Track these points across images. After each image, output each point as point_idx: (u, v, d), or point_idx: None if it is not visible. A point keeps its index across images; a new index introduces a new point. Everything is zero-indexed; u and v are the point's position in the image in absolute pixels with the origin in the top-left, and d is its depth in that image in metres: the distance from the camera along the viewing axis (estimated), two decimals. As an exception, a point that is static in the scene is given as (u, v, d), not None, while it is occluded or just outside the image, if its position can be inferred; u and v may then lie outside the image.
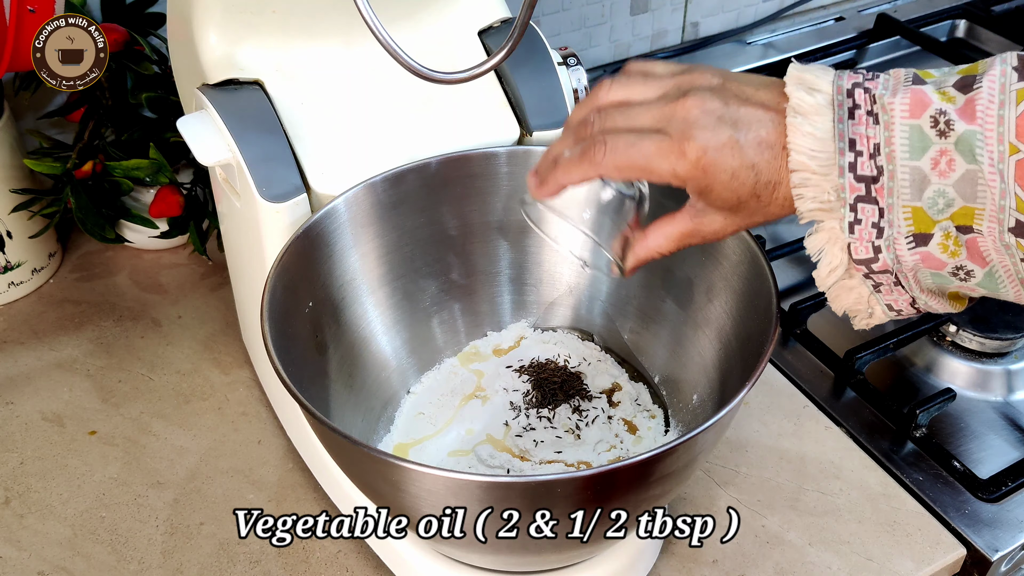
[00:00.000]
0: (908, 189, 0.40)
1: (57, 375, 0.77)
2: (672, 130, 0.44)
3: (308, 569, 0.63)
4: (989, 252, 0.39)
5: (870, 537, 0.65)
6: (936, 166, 0.39)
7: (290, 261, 0.57)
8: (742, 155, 0.43)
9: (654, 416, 0.65)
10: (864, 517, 0.66)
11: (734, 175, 0.43)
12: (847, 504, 0.66)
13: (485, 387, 0.67)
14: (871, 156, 0.40)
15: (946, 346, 0.79)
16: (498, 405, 0.66)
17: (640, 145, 0.45)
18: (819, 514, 0.66)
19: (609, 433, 0.64)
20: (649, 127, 0.45)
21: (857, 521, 0.66)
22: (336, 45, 0.64)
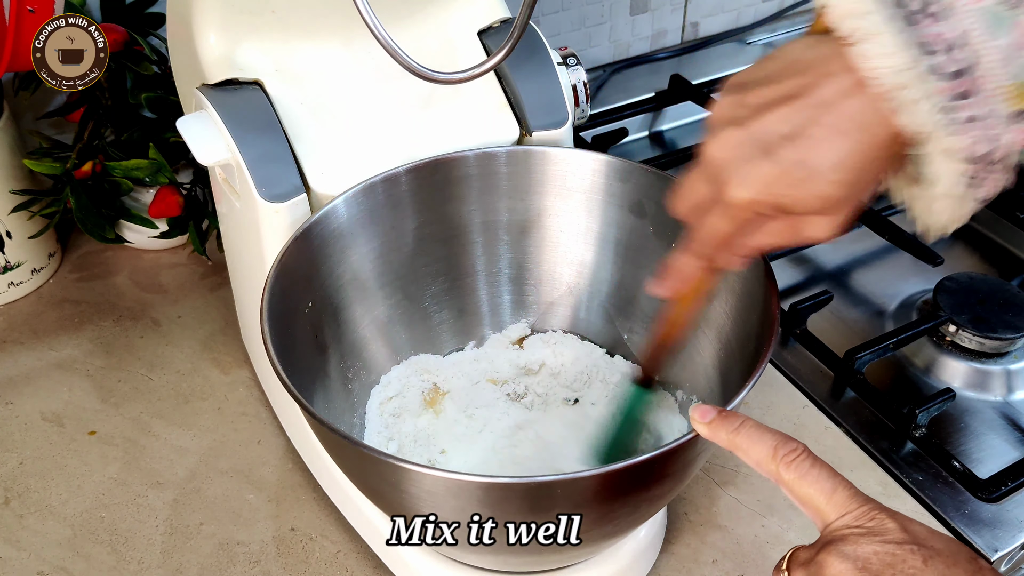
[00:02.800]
0: (999, 69, 0.38)
1: (57, 375, 0.77)
2: (718, 188, 0.43)
3: (308, 569, 0.63)
4: None
5: (870, 537, 0.65)
6: (1019, 37, 0.38)
7: (290, 261, 0.57)
8: (807, 164, 0.41)
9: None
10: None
11: (823, 178, 0.41)
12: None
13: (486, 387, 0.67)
14: (947, 52, 0.38)
15: (946, 346, 0.79)
16: (498, 405, 0.66)
17: (708, 223, 0.45)
18: (819, 514, 0.66)
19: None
20: (707, 197, 0.45)
21: (857, 521, 0.66)
22: (336, 45, 0.64)
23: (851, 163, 0.41)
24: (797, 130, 0.41)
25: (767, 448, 0.43)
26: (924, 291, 0.85)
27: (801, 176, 0.41)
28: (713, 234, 0.45)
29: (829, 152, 0.40)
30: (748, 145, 0.42)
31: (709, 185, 0.44)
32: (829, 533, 0.41)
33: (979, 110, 0.39)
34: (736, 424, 0.45)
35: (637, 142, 1.07)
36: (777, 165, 0.41)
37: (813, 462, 0.43)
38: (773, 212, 0.43)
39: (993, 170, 0.41)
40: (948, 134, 0.39)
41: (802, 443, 0.43)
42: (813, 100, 0.41)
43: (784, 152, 0.41)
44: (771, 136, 0.41)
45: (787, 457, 0.43)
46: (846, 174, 0.41)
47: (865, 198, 0.43)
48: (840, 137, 0.40)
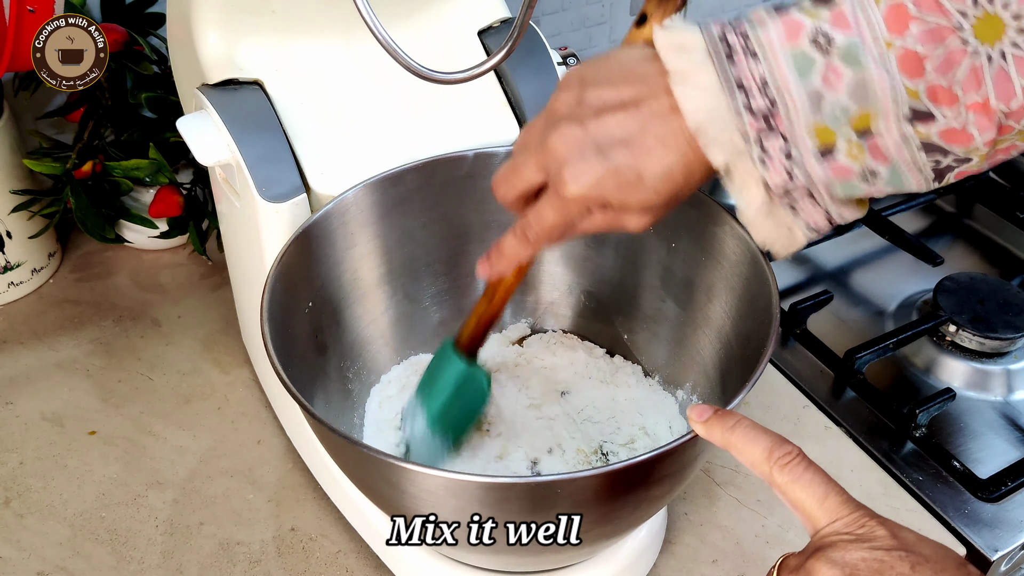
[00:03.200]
0: (806, 109, 0.41)
1: (57, 375, 0.77)
2: (552, 179, 0.46)
3: (308, 569, 0.63)
4: (888, 150, 0.41)
5: (870, 537, 0.65)
6: (827, 81, 0.40)
7: (290, 261, 0.57)
8: (635, 169, 0.44)
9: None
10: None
11: (649, 185, 0.44)
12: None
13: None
14: (761, 90, 0.41)
15: (946, 346, 0.79)
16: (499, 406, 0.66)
17: (540, 213, 0.47)
18: (819, 514, 0.66)
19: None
20: (536, 185, 0.47)
21: (857, 521, 0.66)
22: (336, 45, 0.64)
23: (675, 174, 0.44)
24: (631, 137, 0.43)
25: (762, 449, 0.43)
26: (924, 291, 0.85)
27: (630, 180, 0.44)
28: (545, 224, 0.48)
29: (657, 162, 0.43)
30: (586, 144, 0.44)
31: (540, 174, 0.47)
32: (819, 539, 0.41)
33: (784, 145, 0.42)
34: (732, 423, 0.45)
35: (637, 142, 1.07)
36: (610, 167, 0.44)
37: (807, 466, 0.43)
38: (599, 207, 0.46)
39: (808, 200, 0.44)
40: (751, 165, 0.43)
41: (797, 446, 0.43)
42: (645, 111, 0.43)
43: (618, 156, 0.44)
44: (607, 139, 0.44)
45: (782, 460, 0.43)
46: (670, 183, 0.44)
47: (680, 201, 0.46)
48: (667, 150, 0.43)
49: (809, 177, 0.42)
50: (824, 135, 0.41)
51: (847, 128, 0.41)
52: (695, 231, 0.61)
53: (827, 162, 0.42)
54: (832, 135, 0.41)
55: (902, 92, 0.40)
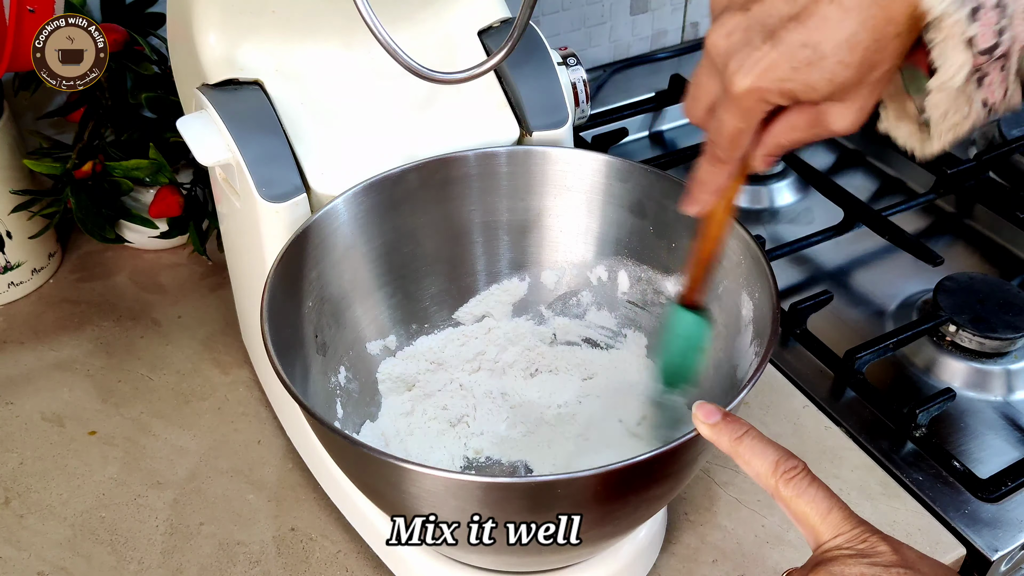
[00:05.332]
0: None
1: (57, 375, 0.77)
2: (723, 79, 0.41)
3: (308, 569, 0.63)
4: None
5: (870, 537, 0.65)
6: None
7: (290, 261, 0.57)
8: (810, 45, 0.38)
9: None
10: (864, 517, 0.66)
11: (831, 58, 0.38)
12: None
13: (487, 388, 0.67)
14: None
15: (946, 346, 0.79)
16: (498, 406, 0.66)
17: (719, 123, 0.42)
18: (819, 514, 0.66)
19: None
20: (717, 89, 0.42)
21: (857, 521, 0.66)
22: (336, 45, 0.64)
23: (859, 42, 0.38)
24: (800, 10, 0.39)
25: (768, 462, 0.43)
26: (924, 291, 0.85)
27: (806, 58, 0.39)
28: (727, 132, 0.43)
29: (835, 31, 0.38)
30: (750, 30, 0.40)
31: (715, 78, 0.42)
32: (821, 554, 0.41)
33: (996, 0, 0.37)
34: (740, 432, 0.44)
35: (637, 142, 1.07)
36: (781, 48, 0.39)
37: (811, 481, 0.43)
38: (783, 100, 0.41)
39: (999, 70, 0.39)
40: (962, 19, 0.38)
41: (802, 461, 0.43)
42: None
43: (787, 34, 0.39)
44: (773, 18, 0.39)
45: (787, 474, 0.43)
46: (855, 54, 0.39)
47: (882, 81, 0.41)
48: (847, 14, 0.38)
49: (1014, 36, 0.38)
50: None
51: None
52: (695, 231, 0.61)
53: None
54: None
55: None
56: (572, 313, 0.69)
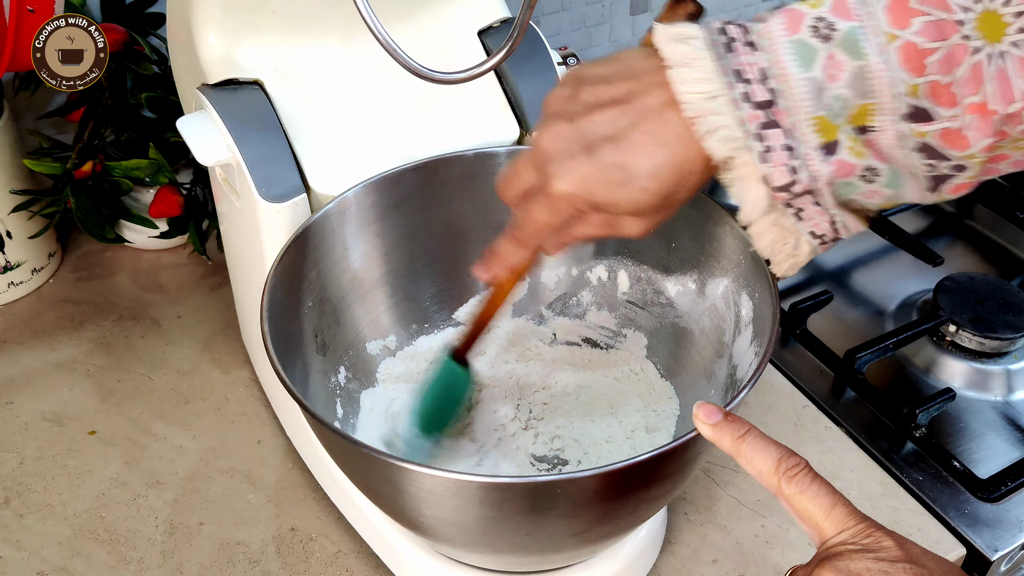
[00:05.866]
0: (808, 101, 0.40)
1: (57, 375, 0.77)
2: (541, 177, 0.45)
3: (308, 569, 0.63)
4: (889, 148, 0.40)
5: (870, 537, 0.65)
6: (827, 71, 0.40)
7: (290, 261, 0.57)
8: (622, 167, 0.43)
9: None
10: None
11: (637, 184, 0.43)
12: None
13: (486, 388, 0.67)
14: (761, 81, 0.40)
15: (946, 346, 0.79)
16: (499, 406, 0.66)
17: (530, 213, 0.47)
18: (819, 514, 0.66)
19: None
20: (533, 185, 0.46)
21: (857, 521, 0.66)
22: (336, 45, 0.64)
23: (666, 173, 0.43)
24: (619, 133, 0.43)
25: (770, 460, 0.43)
26: (924, 291, 0.85)
27: (618, 179, 0.43)
28: (535, 223, 0.47)
29: (646, 159, 0.42)
30: (574, 141, 0.43)
31: (534, 173, 0.46)
32: (825, 550, 0.42)
33: (786, 140, 0.41)
34: (741, 431, 0.45)
35: (637, 142, 1.07)
36: (597, 164, 0.43)
37: (813, 478, 0.43)
38: (589, 209, 0.45)
39: (813, 205, 0.43)
40: (752, 160, 0.42)
41: (804, 459, 0.43)
42: (638, 107, 0.42)
43: (605, 153, 0.43)
44: (595, 136, 0.43)
45: (790, 471, 0.43)
46: (660, 183, 0.43)
47: (675, 207, 0.45)
48: (657, 147, 0.42)
49: (812, 174, 0.42)
50: (825, 129, 0.41)
51: (847, 122, 0.40)
52: (695, 231, 0.61)
53: (829, 157, 0.41)
54: (833, 129, 0.41)
55: (902, 86, 0.39)
56: (572, 313, 0.69)
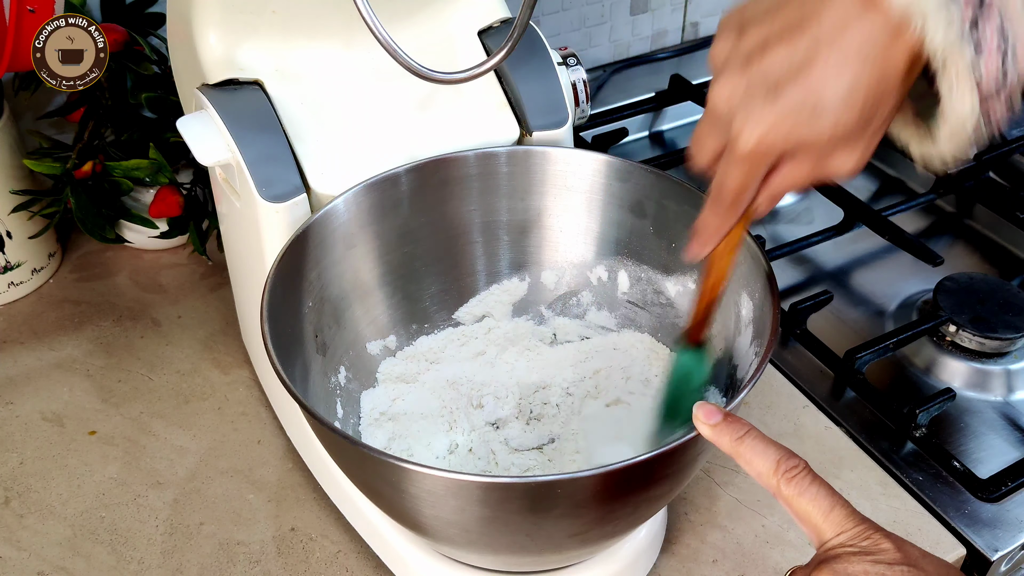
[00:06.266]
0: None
1: (57, 375, 0.77)
2: (727, 139, 0.42)
3: (308, 569, 0.63)
4: None
5: (870, 537, 0.65)
6: None
7: (290, 261, 0.57)
8: (802, 102, 0.39)
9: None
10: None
11: (832, 111, 0.39)
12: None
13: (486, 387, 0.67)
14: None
15: (946, 346, 0.79)
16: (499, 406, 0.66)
17: (723, 178, 0.43)
18: (819, 514, 0.66)
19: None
20: (720, 146, 0.43)
21: (857, 521, 0.66)
22: (336, 45, 0.64)
23: (860, 94, 0.39)
24: (799, 66, 0.39)
25: (770, 462, 0.43)
26: (924, 291, 0.85)
27: (807, 113, 0.40)
28: (732, 186, 0.44)
29: (836, 84, 0.39)
30: (751, 87, 0.40)
31: (718, 133, 0.43)
32: (824, 552, 0.42)
33: (999, 38, 0.38)
34: (741, 432, 0.44)
35: (637, 142, 1.07)
36: (783, 105, 0.40)
37: (813, 479, 0.43)
38: (787, 156, 0.42)
39: (1003, 101, 0.40)
40: (962, 58, 0.38)
41: (803, 460, 0.43)
42: (814, 32, 0.39)
43: (788, 91, 0.40)
44: (773, 75, 0.40)
45: (789, 473, 0.43)
46: (856, 107, 0.39)
47: (885, 124, 0.41)
48: (846, 68, 0.39)
49: (1019, 70, 0.38)
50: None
51: None
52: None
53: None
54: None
55: None
56: (572, 313, 0.69)
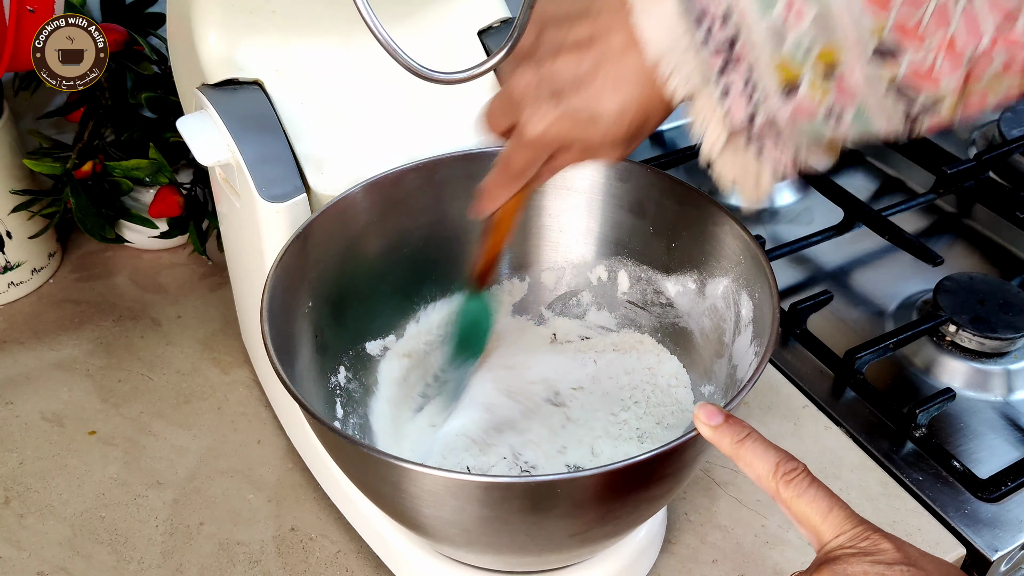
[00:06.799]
0: (768, 45, 0.40)
1: (57, 375, 0.77)
2: (515, 122, 0.47)
3: (308, 569, 0.63)
4: (855, 88, 0.40)
5: (870, 537, 0.65)
6: (787, 17, 0.39)
7: (290, 261, 0.57)
8: (588, 109, 0.44)
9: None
10: (864, 517, 0.66)
11: (605, 124, 0.44)
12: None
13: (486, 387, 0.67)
14: (722, 24, 0.40)
15: (946, 346, 0.79)
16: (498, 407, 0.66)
17: (509, 154, 0.49)
18: (819, 514, 0.66)
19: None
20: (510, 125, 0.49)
21: (857, 521, 0.66)
22: (336, 45, 0.64)
23: (631, 112, 0.44)
24: (583, 78, 0.44)
25: (769, 464, 0.44)
26: (924, 291, 0.85)
27: (585, 120, 0.44)
28: (517, 164, 0.49)
29: (611, 101, 0.44)
30: (541, 87, 0.45)
31: (510, 114, 0.48)
32: (824, 554, 0.42)
33: (745, 82, 0.41)
34: (742, 435, 0.45)
35: (637, 142, 1.06)
36: (564, 109, 0.45)
37: (811, 482, 0.43)
38: (564, 146, 0.47)
39: (774, 140, 0.43)
40: (712, 99, 0.42)
41: (802, 463, 0.43)
42: (600, 49, 0.44)
43: (571, 98, 0.44)
44: (560, 81, 0.45)
45: (788, 475, 0.43)
46: (626, 121, 0.44)
47: (648, 133, 0.46)
48: (621, 88, 0.44)
49: (772, 116, 0.41)
50: (788, 72, 0.40)
51: (812, 65, 0.40)
52: (695, 231, 0.61)
53: (790, 100, 0.41)
54: (796, 72, 0.40)
55: (867, 27, 0.38)
56: (572, 313, 0.69)
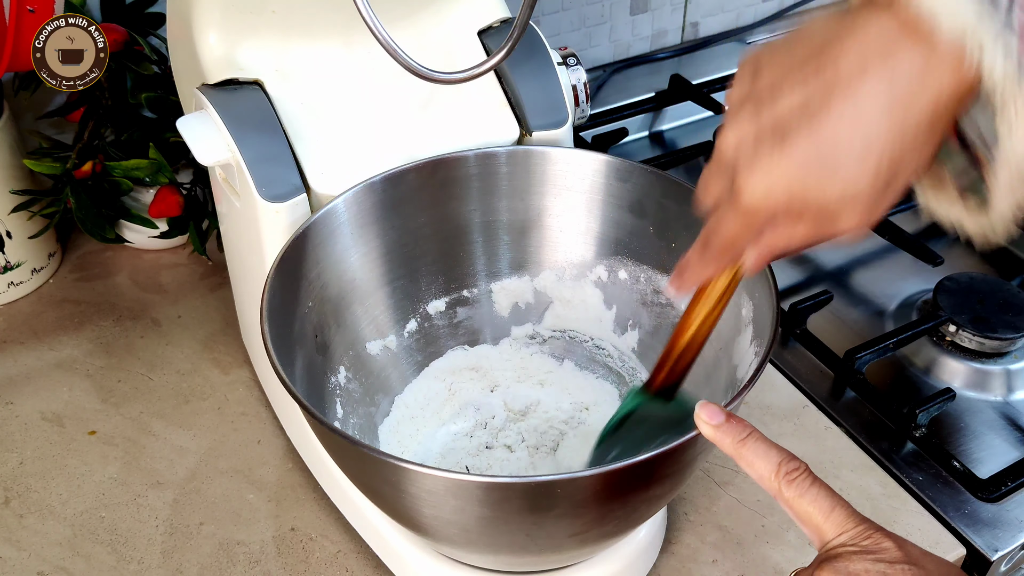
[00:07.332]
0: None
1: (57, 375, 0.77)
2: (730, 185, 0.39)
3: (308, 569, 0.63)
4: None
5: (870, 537, 0.65)
6: None
7: (290, 261, 0.57)
8: (815, 156, 0.35)
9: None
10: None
11: (845, 169, 0.35)
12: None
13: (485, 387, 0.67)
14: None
15: (946, 346, 0.79)
16: (497, 407, 0.66)
17: (717, 226, 0.41)
18: (819, 514, 0.66)
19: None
20: (723, 191, 0.41)
21: (857, 521, 0.66)
22: (336, 45, 0.64)
23: (877, 151, 0.36)
24: (812, 112, 0.36)
25: (771, 464, 0.43)
26: (924, 291, 0.85)
27: (818, 169, 0.36)
28: (725, 235, 0.41)
29: (850, 138, 0.35)
30: (760, 133, 0.37)
31: (724, 179, 0.40)
32: (825, 552, 0.42)
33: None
34: (743, 435, 0.45)
35: (637, 142, 1.07)
36: (789, 156, 0.36)
37: (813, 481, 0.43)
38: (790, 210, 0.38)
39: None
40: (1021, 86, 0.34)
41: (804, 463, 0.44)
42: (831, 75, 0.35)
43: (796, 140, 0.36)
44: (783, 121, 0.36)
45: (789, 475, 0.43)
46: (871, 165, 0.36)
47: (904, 187, 0.37)
48: (864, 116, 0.35)
49: None
50: None
51: None
52: (695, 231, 0.61)
53: None
54: None
55: None
56: (572, 313, 0.69)
